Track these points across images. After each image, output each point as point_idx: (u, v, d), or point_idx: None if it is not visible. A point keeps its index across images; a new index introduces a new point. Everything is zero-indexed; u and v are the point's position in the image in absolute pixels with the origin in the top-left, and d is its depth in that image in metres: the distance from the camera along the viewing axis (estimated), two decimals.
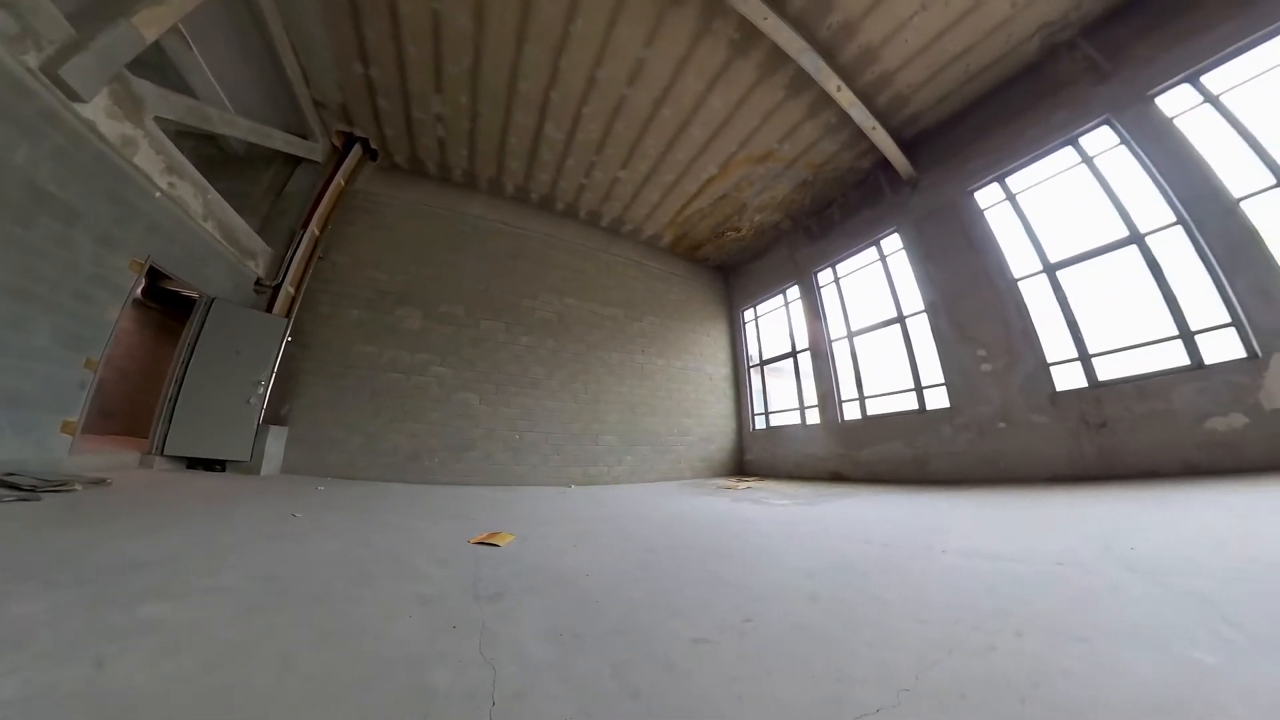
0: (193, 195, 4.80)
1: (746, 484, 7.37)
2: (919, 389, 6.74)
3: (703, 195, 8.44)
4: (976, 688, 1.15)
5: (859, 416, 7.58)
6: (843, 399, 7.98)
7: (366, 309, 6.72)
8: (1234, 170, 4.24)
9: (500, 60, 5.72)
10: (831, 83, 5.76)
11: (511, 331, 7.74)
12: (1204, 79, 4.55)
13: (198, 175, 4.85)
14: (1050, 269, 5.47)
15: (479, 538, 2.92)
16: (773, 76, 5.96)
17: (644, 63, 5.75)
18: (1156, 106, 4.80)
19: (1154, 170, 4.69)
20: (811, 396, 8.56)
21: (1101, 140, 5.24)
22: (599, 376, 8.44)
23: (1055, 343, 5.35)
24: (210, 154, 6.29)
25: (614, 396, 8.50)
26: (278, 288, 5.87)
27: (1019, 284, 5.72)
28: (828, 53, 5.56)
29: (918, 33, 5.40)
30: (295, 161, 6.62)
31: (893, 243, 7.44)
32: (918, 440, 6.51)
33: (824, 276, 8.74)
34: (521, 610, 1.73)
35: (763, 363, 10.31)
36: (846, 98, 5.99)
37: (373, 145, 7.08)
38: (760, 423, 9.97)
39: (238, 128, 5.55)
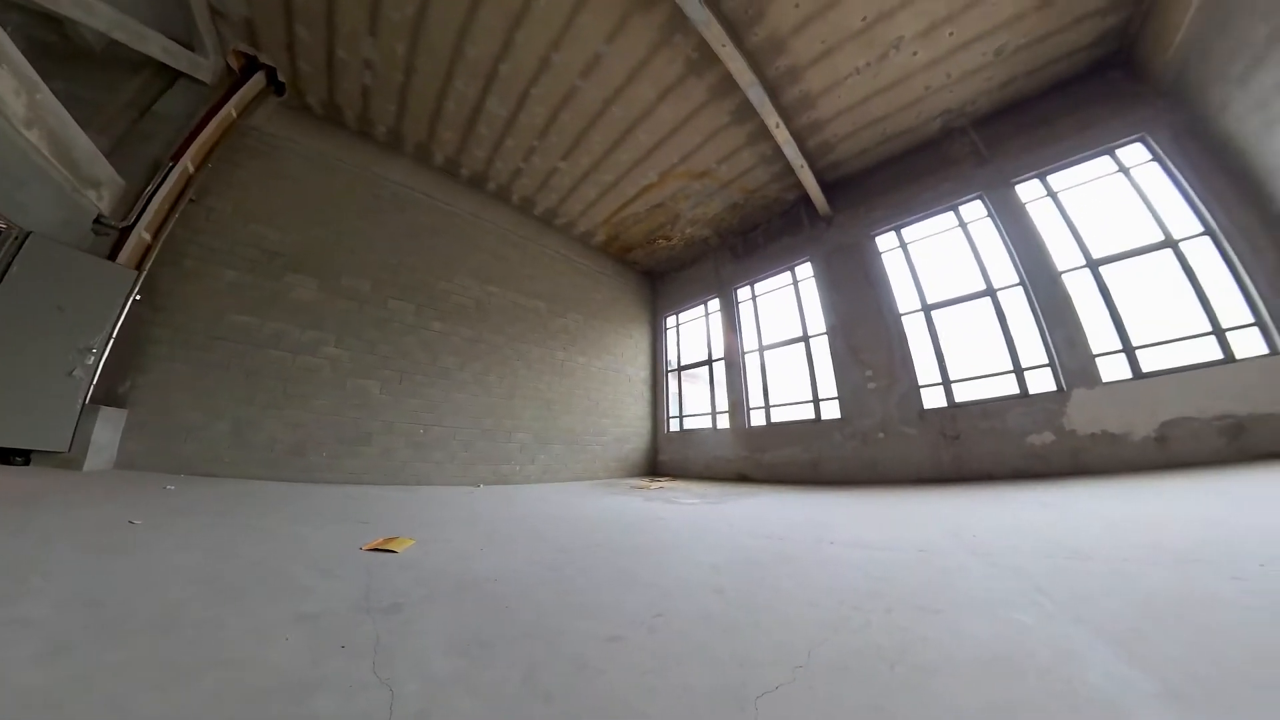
0: (13, 91, 3.62)
1: (659, 484, 7.59)
2: (816, 401, 7.55)
3: (639, 200, 8.56)
4: (856, 659, 1.33)
5: (764, 423, 8.26)
6: (751, 406, 8.63)
7: (248, 271, 5.70)
8: (1059, 250, 5.55)
9: (450, 17, 5.25)
10: (771, 118, 6.22)
11: (423, 314, 7.11)
12: (1049, 178, 5.85)
13: (24, 64, 3.68)
14: (926, 308, 6.52)
15: (373, 544, 2.64)
16: (721, 101, 6.26)
17: (601, 58, 5.69)
18: (1015, 192, 6.02)
19: (1008, 241, 5.90)
20: (723, 403, 9.10)
21: (974, 211, 6.42)
22: (516, 371, 8.11)
23: (925, 368, 6.40)
24: (50, 41, 4.70)
25: (530, 392, 8.23)
26: (127, 230, 4.67)
27: (902, 318, 6.70)
28: (773, 91, 6.00)
29: (850, 92, 6.11)
30: (173, 76, 5.26)
31: (805, 270, 8.23)
32: (813, 446, 7.26)
33: (743, 293, 9.38)
34: (422, 621, 1.60)
35: (680, 368, 10.71)
36: (783, 135, 6.50)
37: (280, 77, 5.98)
38: (675, 425, 10.36)
39: (96, 15, 4.33)
